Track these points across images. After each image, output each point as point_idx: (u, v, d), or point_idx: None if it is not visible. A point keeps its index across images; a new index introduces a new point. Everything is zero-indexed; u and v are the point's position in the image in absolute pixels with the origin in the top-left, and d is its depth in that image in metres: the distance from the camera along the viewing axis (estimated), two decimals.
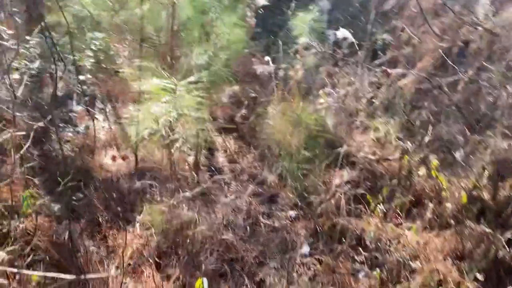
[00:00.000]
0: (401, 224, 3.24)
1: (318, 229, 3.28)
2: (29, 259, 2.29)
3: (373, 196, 3.41)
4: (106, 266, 2.58)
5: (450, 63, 3.26)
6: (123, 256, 2.52)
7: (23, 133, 3.03)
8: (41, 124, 3.13)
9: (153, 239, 2.74)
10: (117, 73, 3.51)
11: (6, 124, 3.68)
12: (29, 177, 2.86)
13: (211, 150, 4.39)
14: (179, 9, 2.83)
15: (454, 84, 3.47)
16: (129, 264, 2.66)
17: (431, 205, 3.18)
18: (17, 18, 3.38)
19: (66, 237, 2.56)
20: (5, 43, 3.56)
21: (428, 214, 3.14)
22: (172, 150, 3.61)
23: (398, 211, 3.27)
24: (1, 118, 3.69)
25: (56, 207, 2.79)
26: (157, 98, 2.08)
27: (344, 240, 3.16)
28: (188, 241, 2.78)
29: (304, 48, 4.83)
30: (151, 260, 2.65)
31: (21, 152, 2.46)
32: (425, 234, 3.12)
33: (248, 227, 3.27)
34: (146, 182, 3.31)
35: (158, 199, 3.08)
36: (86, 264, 2.49)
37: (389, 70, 3.62)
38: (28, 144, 2.67)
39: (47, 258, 2.45)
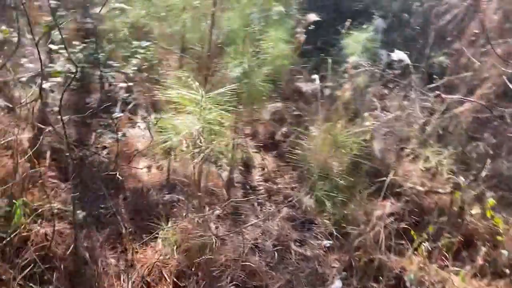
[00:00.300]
0: (447, 266, 2.89)
1: (353, 263, 3.01)
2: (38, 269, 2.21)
3: (417, 233, 3.09)
4: (122, 282, 2.46)
5: None
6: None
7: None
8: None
9: (173, 257, 2.59)
10: (158, 82, 3.46)
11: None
12: (54, 181, 2.82)
13: (248, 167, 4.23)
14: (223, 20, 2.73)
15: None
16: (147, 282, 2.53)
17: (483, 249, 2.82)
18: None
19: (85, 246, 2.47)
20: (53, 46, 3.64)
21: (480, 259, 2.78)
22: (203, 165, 3.51)
23: (445, 252, 2.92)
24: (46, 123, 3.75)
25: (81, 214, 2.71)
26: (183, 109, 1.96)
27: (381, 279, 2.87)
28: (210, 262, 2.61)
29: (354, 68, 4.60)
30: (169, 280, 2.51)
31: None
32: (475, 282, 2.77)
33: (276, 253, 3.05)
34: (175, 196, 3.19)
35: (185, 214, 2.95)
36: (100, 277, 2.39)
37: (443, 95, 3.31)
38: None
39: (61, 268, 2.37)
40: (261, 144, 4.52)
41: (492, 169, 3.31)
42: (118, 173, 3.47)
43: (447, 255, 2.92)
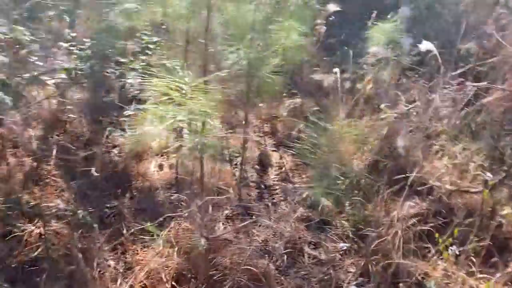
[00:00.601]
0: (475, 273, 2.60)
1: (370, 268, 2.77)
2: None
3: (443, 235, 2.81)
4: (118, 285, 2.35)
5: None
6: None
7: None
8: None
9: (173, 259, 2.45)
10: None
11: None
12: (59, 180, 2.75)
13: (264, 166, 4.06)
14: (224, 8, 2.57)
15: None
16: (145, 285, 2.40)
17: None
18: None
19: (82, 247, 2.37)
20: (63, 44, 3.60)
21: None
22: (216, 163, 3.37)
23: (473, 257, 2.63)
24: (59, 120, 3.72)
25: (81, 214, 2.63)
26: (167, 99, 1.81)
27: (401, 285, 2.62)
28: (211, 265, 2.45)
29: (377, 60, 4.34)
30: (167, 284, 2.37)
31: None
32: None
33: (287, 256, 2.86)
34: (183, 195, 3.05)
35: (191, 214, 2.80)
36: (94, 280, 2.28)
37: (467, 83, 3.00)
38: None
39: (57, 269, 2.27)
40: (280, 142, 4.33)
41: None
42: (127, 172, 3.39)
43: (475, 261, 2.62)
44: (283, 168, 4.06)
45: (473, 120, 3.15)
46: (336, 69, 4.40)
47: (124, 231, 2.67)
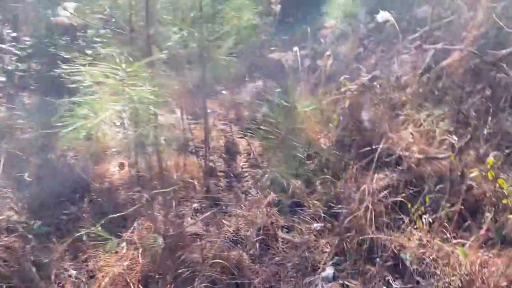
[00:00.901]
0: (450, 239, 2.57)
1: (345, 245, 2.70)
2: None
3: (416, 205, 2.77)
4: None
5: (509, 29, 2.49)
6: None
7: None
8: None
9: (138, 261, 2.31)
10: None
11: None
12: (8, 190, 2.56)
13: (231, 154, 3.94)
14: None
15: None
16: None
17: (489, 215, 2.48)
18: None
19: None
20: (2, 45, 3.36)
21: (486, 228, 2.45)
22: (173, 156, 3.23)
23: (446, 223, 2.59)
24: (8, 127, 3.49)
25: (36, 224, 2.45)
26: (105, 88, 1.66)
27: (378, 260, 2.56)
28: (180, 263, 2.32)
29: (335, 35, 4.26)
30: None
31: None
32: (482, 253, 2.44)
33: (260, 244, 2.75)
34: (147, 192, 2.90)
35: (156, 212, 2.66)
36: None
37: (425, 46, 2.94)
38: None
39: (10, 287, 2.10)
40: (246, 128, 4.21)
41: (493, 126, 2.95)
42: (85, 175, 3.21)
43: (448, 227, 2.58)
44: (252, 155, 3.94)
45: (435, 86, 3.10)
46: (295, 48, 4.31)
47: (84, 238, 2.50)
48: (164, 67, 2.22)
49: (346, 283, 2.51)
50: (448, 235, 2.55)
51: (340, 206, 2.91)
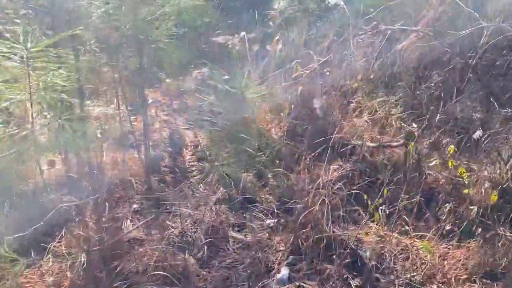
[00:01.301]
0: (410, 231, 2.45)
1: (300, 243, 2.51)
2: None
3: (372, 196, 2.63)
4: None
5: (468, 8, 2.35)
6: None
7: None
8: None
9: (66, 275, 2.00)
10: None
11: None
12: None
13: (177, 147, 3.64)
14: None
15: (473, 41, 2.60)
16: None
17: (448, 206, 2.38)
18: None
19: None
20: None
21: (445, 219, 2.35)
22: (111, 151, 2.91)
23: (405, 215, 2.47)
24: None
25: None
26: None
27: (335, 258, 2.39)
28: (116, 273, 2.04)
29: (284, 19, 4.04)
30: None
31: None
32: (442, 246, 2.34)
33: (208, 246, 2.51)
34: (78, 194, 2.56)
35: (78, 219, 2.34)
36: None
37: (381, 26, 2.79)
38: None
39: None
40: (192, 119, 3.92)
41: (446, 112, 2.86)
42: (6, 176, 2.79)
43: (407, 219, 2.46)
44: (199, 147, 3.66)
45: (388, 71, 2.97)
46: (243, 32, 4.06)
47: (1, 251, 2.14)
48: (88, 48, 1.90)
49: (303, 284, 2.33)
50: (407, 227, 2.43)
51: (294, 200, 2.72)
